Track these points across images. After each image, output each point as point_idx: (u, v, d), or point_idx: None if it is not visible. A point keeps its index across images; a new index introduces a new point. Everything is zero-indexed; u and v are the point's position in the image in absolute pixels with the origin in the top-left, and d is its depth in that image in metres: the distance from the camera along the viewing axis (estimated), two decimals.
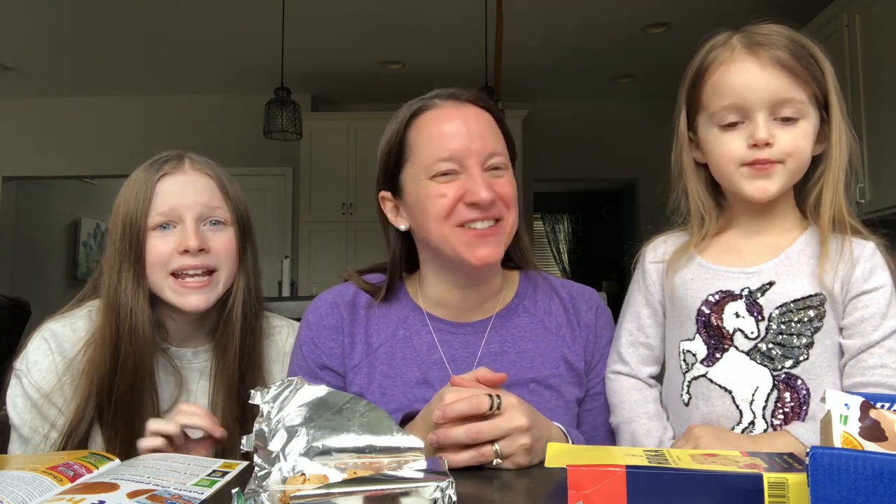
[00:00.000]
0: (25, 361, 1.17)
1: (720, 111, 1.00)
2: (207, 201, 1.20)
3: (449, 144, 1.07)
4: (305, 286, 5.65)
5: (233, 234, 1.22)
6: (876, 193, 3.45)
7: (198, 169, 1.23)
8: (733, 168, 0.99)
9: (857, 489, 0.55)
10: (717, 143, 1.01)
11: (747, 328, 0.99)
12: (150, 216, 1.17)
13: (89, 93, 6.09)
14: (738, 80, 0.98)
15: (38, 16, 4.53)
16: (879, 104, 3.40)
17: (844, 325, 0.99)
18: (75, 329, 1.20)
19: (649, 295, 1.11)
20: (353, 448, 0.75)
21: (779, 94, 0.97)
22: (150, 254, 1.17)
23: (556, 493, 0.80)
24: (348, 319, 1.16)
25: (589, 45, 5.09)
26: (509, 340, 1.15)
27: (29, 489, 0.75)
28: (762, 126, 0.96)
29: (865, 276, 0.98)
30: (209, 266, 1.19)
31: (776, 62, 0.97)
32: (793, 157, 0.98)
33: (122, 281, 1.17)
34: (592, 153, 6.37)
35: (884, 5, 3.34)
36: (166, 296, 1.18)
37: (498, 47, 4.26)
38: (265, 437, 0.74)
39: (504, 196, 1.08)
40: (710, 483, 0.64)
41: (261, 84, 5.21)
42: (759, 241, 1.04)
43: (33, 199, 6.64)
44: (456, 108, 1.10)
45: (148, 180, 1.19)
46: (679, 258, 1.07)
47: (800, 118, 0.98)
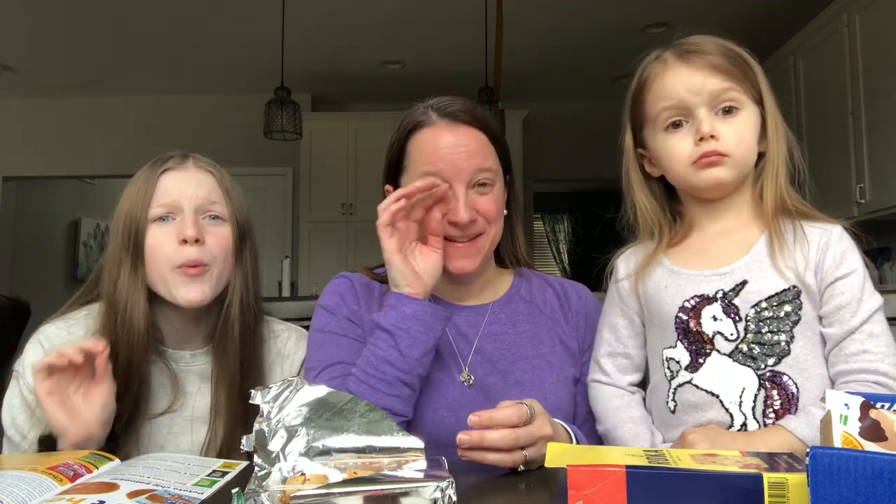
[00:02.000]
0: (22, 363, 1.17)
1: (662, 113, 1.03)
2: (206, 195, 1.20)
3: (437, 164, 1.13)
4: (305, 286, 5.65)
5: (230, 231, 1.22)
6: (876, 193, 3.45)
7: (200, 166, 1.24)
8: (684, 167, 1.02)
9: (857, 489, 0.55)
10: (666, 146, 1.04)
11: (726, 330, 0.99)
12: (151, 208, 1.17)
13: (89, 93, 6.09)
14: (675, 83, 1.02)
15: (38, 16, 4.54)
16: (879, 104, 3.40)
17: (823, 314, 0.99)
18: (71, 332, 1.19)
19: (625, 307, 1.12)
20: (353, 448, 0.75)
21: (713, 89, 1.00)
22: (152, 247, 1.16)
23: (556, 493, 0.80)
24: (363, 294, 1.22)
25: (589, 45, 5.09)
26: (508, 323, 1.22)
27: (29, 489, 0.75)
28: (705, 120, 0.99)
29: (837, 261, 0.99)
30: (203, 261, 1.18)
31: (708, 65, 1.01)
32: (738, 146, 1.00)
33: (120, 275, 1.17)
34: (592, 153, 6.34)
35: (884, 5, 3.34)
36: (160, 290, 1.17)
37: (498, 47, 4.27)
38: (265, 437, 0.74)
39: (486, 213, 1.15)
40: (710, 483, 0.64)
41: (261, 84, 5.21)
42: (724, 239, 1.05)
43: (33, 199, 6.64)
44: (449, 128, 1.16)
45: (150, 176, 1.20)
46: (648, 266, 1.08)
47: (740, 108, 1.01)
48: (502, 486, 0.87)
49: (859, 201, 3.53)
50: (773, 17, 4.40)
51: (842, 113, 3.63)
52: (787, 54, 4.20)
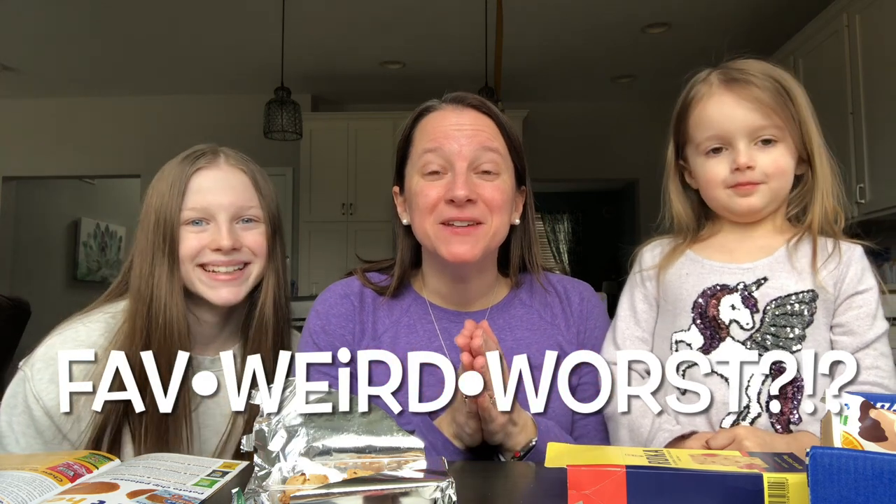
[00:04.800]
0: (31, 366, 1.15)
1: (704, 141, 1.08)
2: (241, 201, 1.20)
3: (439, 140, 1.11)
4: (305, 286, 5.64)
5: (264, 230, 1.22)
6: (876, 193, 3.45)
7: (232, 164, 1.23)
8: (720, 191, 1.08)
9: (857, 489, 0.55)
10: (704, 168, 1.09)
11: (742, 319, 1.05)
12: (184, 210, 1.16)
13: (89, 93, 6.09)
14: (717, 113, 1.07)
15: (38, 16, 4.53)
16: (879, 104, 3.40)
17: (837, 324, 1.05)
18: (91, 335, 1.16)
19: (646, 291, 1.16)
20: (353, 448, 0.75)
21: (754, 123, 1.05)
22: (186, 249, 1.16)
23: (556, 493, 0.80)
24: (357, 308, 1.20)
25: (589, 45, 5.09)
26: (506, 329, 1.19)
27: (29, 489, 0.75)
28: (743, 152, 1.05)
29: (858, 276, 1.05)
30: (242, 260, 1.18)
31: (751, 98, 1.05)
32: (774, 176, 1.06)
33: (154, 273, 1.15)
34: (592, 153, 6.37)
35: (884, 5, 3.34)
36: (197, 288, 1.17)
37: (498, 47, 4.27)
38: (265, 436, 0.74)
39: (488, 200, 1.11)
40: (710, 483, 0.64)
41: (261, 84, 5.21)
42: (751, 243, 1.10)
43: (33, 199, 6.64)
44: (455, 110, 1.15)
45: (182, 174, 1.18)
46: (672, 256, 1.14)
47: (779, 140, 1.06)
48: (502, 486, 0.87)
49: (859, 201, 3.53)
50: (773, 17, 4.40)
51: (842, 113, 3.62)
52: (787, 54, 4.20)
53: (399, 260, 1.22)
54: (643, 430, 1.05)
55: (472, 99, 1.16)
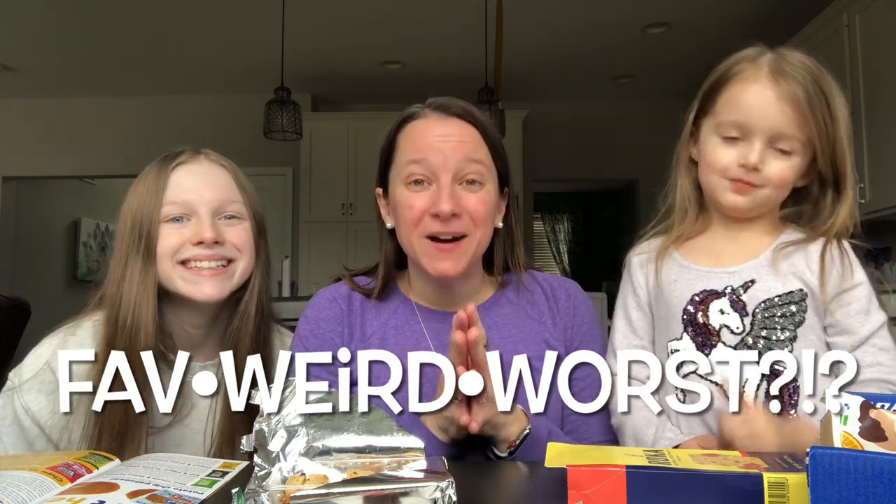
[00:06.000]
0: (19, 376, 1.13)
1: (725, 123, 1.05)
2: (224, 196, 1.16)
3: (424, 151, 1.11)
4: (305, 286, 5.64)
5: (249, 227, 1.19)
6: (876, 193, 3.45)
7: (213, 160, 1.20)
8: (717, 178, 1.06)
9: (857, 489, 0.55)
10: (713, 150, 1.07)
11: (732, 324, 1.04)
12: (163, 206, 1.12)
13: (89, 93, 6.09)
14: (750, 102, 1.03)
15: (38, 16, 4.53)
16: (879, 104, 3.40)
17: (830, 324, 1.03)
18: (81, 344, 1.14)
19: (638, 298, 1.15)
20: (353, 448, 0.75)
21: (781, 129, 1.02)
22: (165, 247, 1.12)
23: (556, 493, 0.80)
24: (346, 311, 1.20)
25: (589, 45, 5.09)
26: (493, 328, 1.18)
27: (29, 489, 0.75)
28: (757, 151, 1.02)
29: (842, 273, 1.03)
30: (226, 256, 1.14)
31: (792, 97, 1.01)
32: (774, 185, 1.04)
33: (126, 274, 1.11)
34: (592, 153, 6.37)
35: (884, 5, 3.34)
36: (177, 286, 1.12)
37: (498, 47, 4.26)
38: (265, 436, 0.74)
39: (473, 212, 1.11)
40: (710, 483, 0.64)
41: (261, 84, 5.20)
42: (736, 245, 1.09)
43: (33, 199, 6.64)
44: (440, 120, 1.14)
45: (161, 171, 1.14)
46: (659, 258, 1.12)
47: (793, 153, 1.03)
48: (502, 486, 0.87)
49: (859, 201, 3.53)
50: (773, 17, 4.39)
51: None
52: None
53: (383, 262, 1.22)
54: (647, 439, 1.05)
55: (455, 108, 1.16)
